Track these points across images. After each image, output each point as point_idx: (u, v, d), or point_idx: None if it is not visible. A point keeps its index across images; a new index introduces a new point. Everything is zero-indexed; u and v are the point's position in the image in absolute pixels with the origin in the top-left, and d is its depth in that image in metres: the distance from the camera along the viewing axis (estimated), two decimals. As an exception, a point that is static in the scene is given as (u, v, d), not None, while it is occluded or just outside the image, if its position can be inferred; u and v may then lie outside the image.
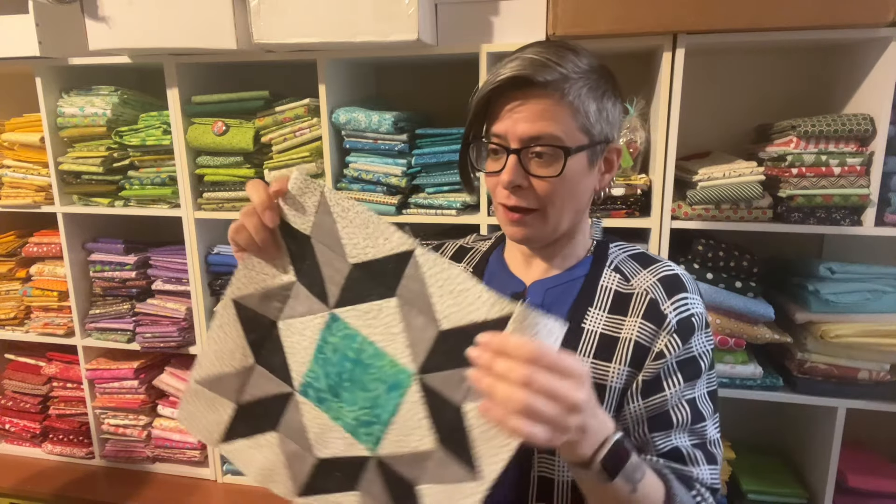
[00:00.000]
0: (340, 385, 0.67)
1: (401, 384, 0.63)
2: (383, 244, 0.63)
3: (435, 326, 0.61)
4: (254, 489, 1.80)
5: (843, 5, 1.20)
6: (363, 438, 0.66)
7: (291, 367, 0.69)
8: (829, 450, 1.42)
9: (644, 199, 1.42)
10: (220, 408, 0.72)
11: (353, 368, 0.66)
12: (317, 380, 0.68)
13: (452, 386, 0.61)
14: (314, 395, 0.68)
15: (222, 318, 0.70)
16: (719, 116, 1.60)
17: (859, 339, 1.34)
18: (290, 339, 0.68)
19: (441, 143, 1.49)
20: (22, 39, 1.57)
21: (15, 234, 1.94)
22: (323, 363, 0.67)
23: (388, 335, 0.64)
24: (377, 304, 0.64)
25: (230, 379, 0.71)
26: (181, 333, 1.75)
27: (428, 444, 0.62)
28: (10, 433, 2.00)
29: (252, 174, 1.62)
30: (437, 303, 0.61)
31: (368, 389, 0.65)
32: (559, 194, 0.76)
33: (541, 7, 1.38)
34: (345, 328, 0.66)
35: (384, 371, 0.64)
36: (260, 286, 0.68)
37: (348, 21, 1.36)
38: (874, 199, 1.30)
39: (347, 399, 0.66)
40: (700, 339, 0.79)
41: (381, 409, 0.65)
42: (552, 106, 0.73)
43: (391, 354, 0.64)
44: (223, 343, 0.71)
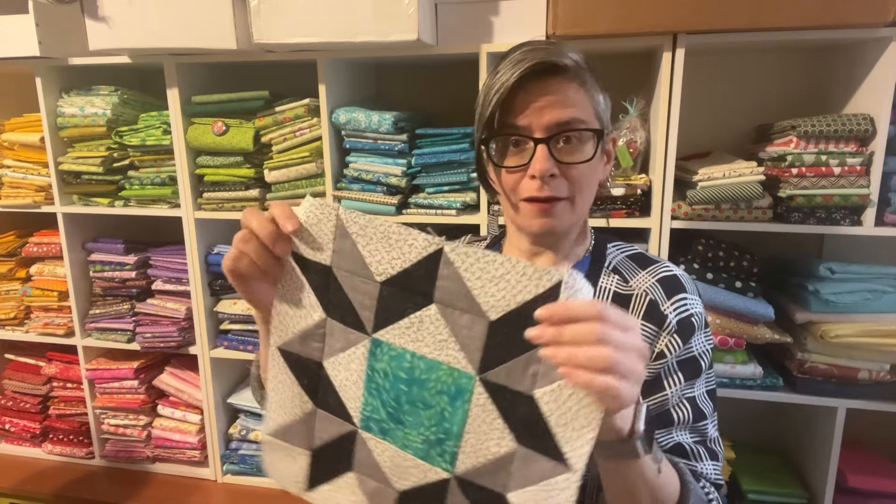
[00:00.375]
0: (400, 410, 0.63)
1: (463, 390, 0.59)
2: (409, 251, 0.59)
3: (483, 320, 0.57)
4: (254, 489, 1.80)
5: (843, 5, 1.20)
6: (436, 461, 0.62)
7: (347, 405, 0.66)
8: (829, 450, 1.42)
9: (644, 199, 1.42)
10: (297, 457, 0.71)
11: (410, 388, 0.62)
12: (375, 412, 0.64)
13: (517, 376, 0.56)
14: (376, 427, 0.65)
15: (275, 368, 0.68)
16: (719, 116, 1.60)
17: (859, 339, 1.34)
18: (339, 377, 0.66)
19: (441, 143, 1.49)
20: (22, 39, 1.57)
21: (15, 234, 1.94)
22: (377, 393, 0.64)
23: (437, 343, 0.60)
24: (416, 316, 0.60)
25: (297, 427, 0.69)
26: (181, 333, 1.75)
27: (507, 446, 0.58)
28: (10, 433, 2.00)
29: (252, 174, 1.62)
30: (479, 295, 0.57)
31: (431, 405, 0.61)
32: (587, 180, 0.76)
33: (541, 7, 1.38)
34: (389, 350, 0.62)
35: (442, 381, 0.60)
36: (296, 330, 0.66)
37: (348, 21, 1.36)
38: (874, 199, 1.30)
39: (411, 423, 0.63)
40: (700, 338, 0.79)
41: (449, 422, 0.61)
42: (574, 92, 0.73)
43: (445, 362, 0.60)
44: (281, 392, 0.68)
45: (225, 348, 1.76)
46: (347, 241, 0.61)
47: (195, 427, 1.83)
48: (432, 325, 0.60)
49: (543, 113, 0.72)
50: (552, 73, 0.72)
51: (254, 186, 1.63)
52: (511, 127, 0.74)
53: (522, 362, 0.56)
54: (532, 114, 0.73)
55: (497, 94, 0.73)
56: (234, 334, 1.75)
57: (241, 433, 1.82)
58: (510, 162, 0.76)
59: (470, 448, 0.60)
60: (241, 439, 1.82)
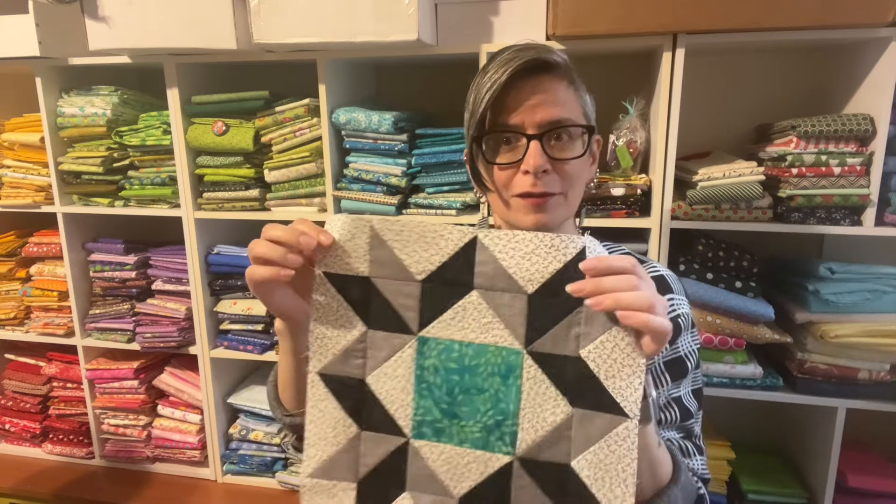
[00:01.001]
0: (454, 403, 0.64)
1: (514, 367, 0.62)
2: (445, 245, 0.62)
3: (522, 295, 0.61)
4: (254, 489, 1.80)
5: (843, 5, 1.20)
6: (497, 446, 0.63)
7: (396, 417, 0.65)
8: (829, 450, 1.42)
9: (644, 199, 1.42)
10: (342, 494, 0.67)
11: (462, 377, 0.64)
12: (428, 413, 0.65)
13: (562, 341, 0.60)
14: (430, 430, 0.65)
15: (314, 397, 0.66)
16: (719, 116, 1.60)
17: (859, 339, 1.34)
18: (384, 389, 0.65)
19: (441, 143, 1.49)
20: (22, 39, 1.57)
21: (15, 234, 1.94)
22: (428, 392, 0.65)
23: (483, 326, 0.63)
24: (460, 305, 0.63)
25: (341, 457, 0.67)
26: (181, 333, 1.75)
27: (563, 411, 0.61)
28: (10, 433, 2.00)
29: (252, 174, 1.62)
30: (515, 273, 0.61)
31: (484, 389, 0.63)
32: (579, 175, 0.78)
33: (541, 7, 1.38)
34: (437, 344, 0.64)
35: (492, 363, 0.63)
36: (336, 349, 0.65)
37: (348, 21, 1.36)
38: (874, 199, 1.30)
39: (467, 413, 0.64)
40: (686, 339, 0.80)
41: (504, 401, 0.63)
42: (564, 90, 0.75)
43: (492, 343, 0.63)
44: (322, 422, 0.67)
45: (225, 348, 1.76)
46: (384, 249, 0.63)
47: (195, 427, 1.83)
48: (475, 310, 0.63)
49: (535, 110, 0.74)
50: (543, 70, 0.74)
51: (254, 186, 1.63)
52: (504, 124, 0.75)
53: (564, 326, 0.60)
54: (524, 111, 0.74)
55: (489, 93, 0.74)
56: (234, 334, 1.75)
57: (241, 433, 1.82)
58: (503, 159, 0.77)
59: (528, 423, 0.62)
60: (241, 439, 1.82)
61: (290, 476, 1.77)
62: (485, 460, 0.63)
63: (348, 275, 0.64)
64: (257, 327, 1.71)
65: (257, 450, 1.81)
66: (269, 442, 1.79)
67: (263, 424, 1.80)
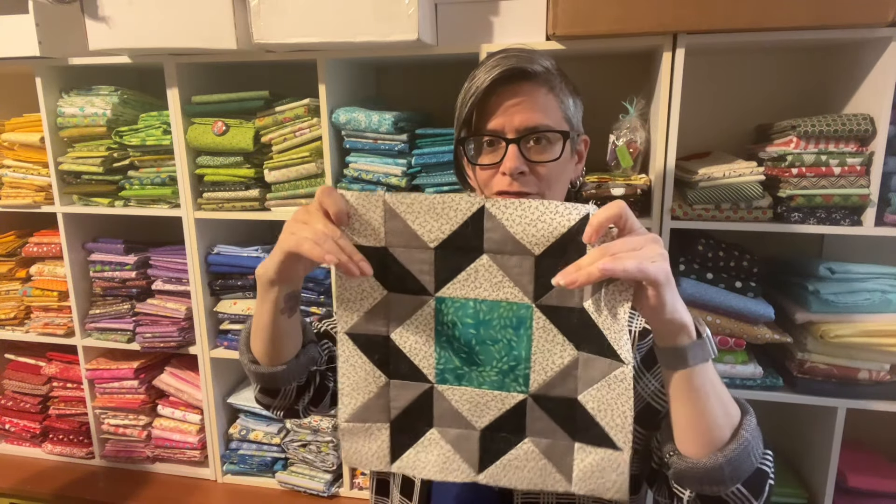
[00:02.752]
0: (473, 352, 0.71)
1: (524, 319, 0.69)
2: (454, 215, 0.67)
3: (530, 257, 0.67)
4: (254, 489, 1.80)
5: (843, 5, 1.20)
6: (512, 386, 0.71)
7: (421, 366, 0.73)
8: (829, 450, 1.42)
9: (644, 199, 1.42)
10: (377, 433, 0.75)
11: (478, 330, 0.71)
12: (449, 362, 0.72)
13: (566, 295, 0.67)
14: (452, 376, 0.72)
15: (344, 354, 0.73)
16: (719, 116, 1.60)
17: (859, 339, 1.33)
18: (408, 343, 0.73)
19: (441, 143, 1.49)
20: (22, 39, 1.57)
21: (15, 234, 1.94)
22: (448, 344, 0.72)
23: (494, 285, 0.69)
24: (472, 268, 0.69)
25: (373, 403, 0.74)
26: (181, 333, 1.75)
27: (570, 355, 0.68)
28: (10, 433, 2.00)
29: (252, 174, 1.62)
30: (522, 237, 0.66)
31: (498, 340, 0.70)
32: (555, 177, 0.82)
33: (541, 7, 1.38)
34: (453, 303, 0.71)
35: (505, 317, 0.70)
36: (361, 311, 0.72)
37: (348, 21, 1.36)
38: (874, 199, 1.30)
39: (484, 360, 0.71)
40: None
41: (517, 349, 0.70)
42: (543, 97, 0.80)
43: (504, 300, 0.69)
44: (354, 376, 0.74)
45: (225, 348, 1.76)
46: (397, 220, 0.69)
47: (195, 427, 1.83)
48: (487, 271, 0.69)
49: (514, 115, 0.79)
50: (523, 78, 0.79)
51: (254, 186, 1.63)
52: (485, 128, 0.81)
53: None
54: (504, 116, 0.79)
55: (472, 98, 0.80)
56: (234, 334, 1.75)
57: (241, 433, 1.82)
58: (484, 160, 0.82)
59: (539, 366, 0.70)
60: (241, 439, 1.82)
61: (290, 476, 1.77)
62: (502, 398, 0.71)
63: (367, 245, 0.69)
64: (257, 327, 1.71)
65: (257, 450, 1.81)
66: (269, 442, 1.79)
67: (263, 424, 1.81)
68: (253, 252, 1.70)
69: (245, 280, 1.71)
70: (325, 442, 1.73)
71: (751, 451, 0.66)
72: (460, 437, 0.73)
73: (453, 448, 0.73)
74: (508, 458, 0.72)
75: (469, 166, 0.86)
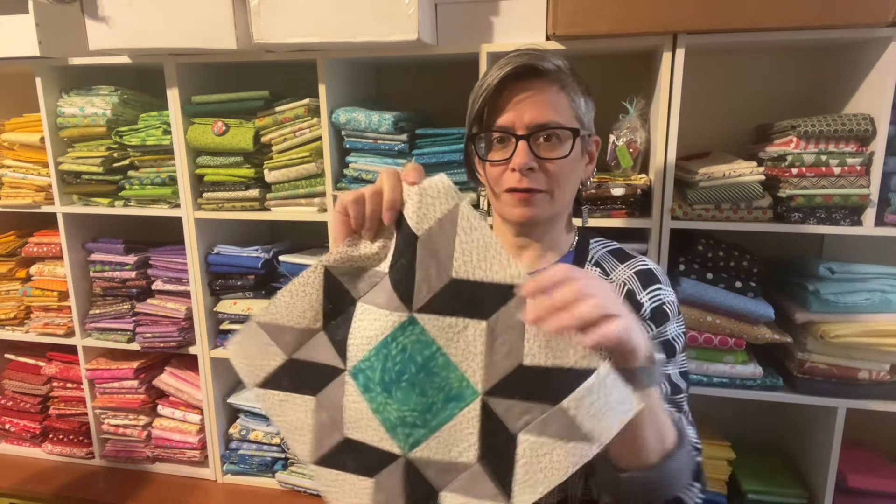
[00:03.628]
0: (396, 383, 0.67)
1: (463, 398, 0.65)
2: (496, 272, 0.63)
3: (517, 360, 0.62)
4: (254, 489, 1.80)
5: (843, 5, 1.20)
6: (399, 438, 0.68)
7: (349, 348, 0.70)
8: (829, 450, 1.42)
9: (644, 199, 1.42)
10: (271, 355, 0.73)
11: (417, 373, 0.67)
12: (371, 370, 0.69)
13: (513, 415, 0.63)
14: (363, 381, 0.69)
15: (307, 279, 0.70)
16: (719, 116, 1.60)
17: (859, 339, 1.33)
18: (361, 322, 0.69)
19: (441, 143, 1.49)
20: (22, 39, 1.57)
21: (15, 234, 1.94)
22: (384, 358, 0.68)
23: (467, 352, 0.65)
24: (464, 322, 0.65)
25: (291, 333, 0.72)
26: (181, 333, 1.75)
27: (468, 458, 0.65)
28: (10, 433, 2.00)
29: (252, 174, 1.62)
30: (529, 341, 0.62)
31: (426, 395, 0.66)
32: (565, 175, 0.82)
33: (541, 7, 1.38)
34: (420, 333, 0.66)
35: (449, 383, 0.66)
36: (356, 265, 0.69)
37: (348, 21, 1.36)
38: (874, 199, 1.30)
39: (399, 398, 0.67)
40: (673, 325, 0.84)
41: (433, 416, 0.66)
42: (554, 95, 0.81)
43: (463, 371, 0.65)
44: (299, 301, 0.71)
45: (225, 348, 1.76)
46: (451, 229, 0.64)
47: (195, 427, 1.83)
48: (473, 337, 0.64)
49: (525, 112, 0.80)
50: (534, 75, 0.80)
51: (254, 186, 1.63)
52: (496, 124, 0.82)
53: (524, 407, 0.62)
54: (515, 113, 0.80)
55: (484, 94, 0.81)
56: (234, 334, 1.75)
57: (241, 433, 1.82)
58: (494, 156, 0.83)
59: (435, 443, 0.66)
60: (241, 439, 1.82)
61: (290, 476, 1.77)
62: (381, 437, 0.69)
63: (407, 224, 0.66)
64: (257, 327, 1.71)
65: (257, 450, 1.81)
66: (269, 442, 1.79)
67: (263, 424, 1.80)
68: (253, 252, 1.70)
69: (245, 280, 1.71)
70: (325, 442, 1.73)
71: (672, 478, 0.66)
72: (326, 426, 0.72)
73: (315, 427, 0.72)
74: (345, 477, 0.71)
75: (479, 162, 0.86)
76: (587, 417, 0.60)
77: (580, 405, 0.60)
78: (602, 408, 0.59)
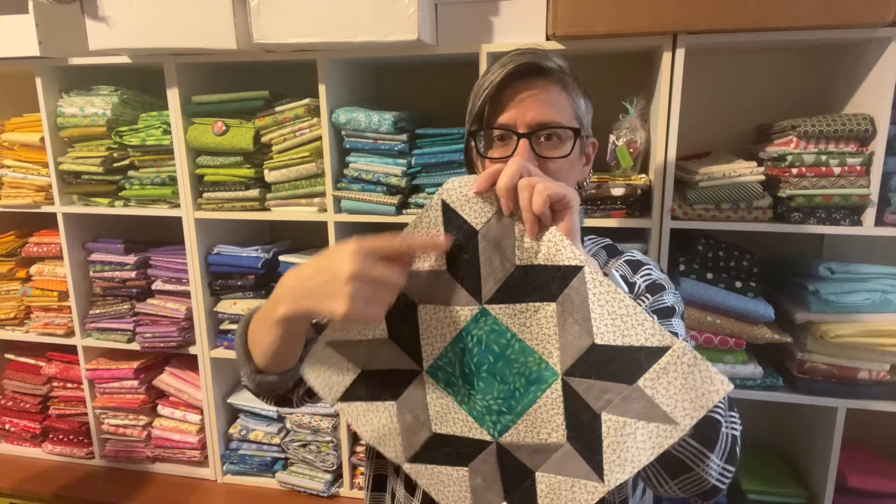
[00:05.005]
0: (477, 374, 0.69)
1: (544, 380, 0.67)
2: (555, 255, 0.65)
3: (589, 338, 0.64)
4: (254, 489, 1.80)
5: (843, 5, 1.20)
6: (487, 425, 0.69)
7: (423, 348, 0.71)
8: (829, 450, 1.42)
9: (644, 199, 1.42)
10: (345, 370, 0.73)
11: (496, 361, 0.68)
12: (450, 365, 0.70)
13: (594, 395, 0.64)
14: (443, 378, 0.71)
15: None
16: (719, 116, 1.60)
17: (859, 339, 1.33)
18: (428, 323, 0.70)
19: (441, 143, 1.49)
20: (22, 39, 1.57)
21: (15, 234, 1.94)
22: (461, 352, 0.69)
23: (541, 335, 0.67)
24: (534, 305, 0.66)
25: (361, 347, 0.72)
26: (181, 333, 1.75)
27: (557, 438, 0.66)
28: (10, 433, 2.00)
29: (252, 174, 1.62)
30: (596, 319, 0.63)
31: (507, 382, 0.68)
32: (564, 175, 0.82)
33: (541, 7, 1.38)
34: (493, 323, 0.68)
35: (528, 367, 0.67)
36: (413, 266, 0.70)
37: (348, 21, 1.36)
38: (874, 199, 1.30)
39: (481, 388, 0.69)
40: (668, 295, 0.85)
41: (517, 401, 0.68)
42: (555, 95, 0.81)
43: (540, 353, 0.67)
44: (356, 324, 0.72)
45: (225, 348, 1.76)
46: (508, 219, 0.66)
47: (195, 427, 1.83)
48: (545, 318, 0.66)
49: (527, 111, 0.80)
50: (537, 74, 0.80)
51: (254, 186, 1.63)
52: (497, 122, 0.82)
53: (602, 387, 0.63)
54: (517, 111, 0.80)
55: (486, 91, 0.81)
56: (234, 334, 1.75)
57: (241, 433, 1.82)
58: (495, 153, 0.83)
59: (523, 427, 0.68)
60: (241, 439, 1.82)
61: (290, 476, 1.77)
62: (471, 426, 0.70)
63: (463, 219, 0.67)
64: (257, 327, 1.71)
65: (257, 450, 1.81)
66: (269, 442, 1.79)
67: (263, 424, 1.81)
68: (253, 252, 1.70)
69: (245, 280, 1.71)
70: (325, 442, 1.73)
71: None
72: (412, 426, 0.72)
73: (401, 430, 0.72)
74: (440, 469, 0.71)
75: (479, 160, 0.86)
76: (666, 397, 0.59)
77: (656, 385, 0.60)
78: (681, 388, 0.59)
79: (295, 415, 1.74)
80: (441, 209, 0.67)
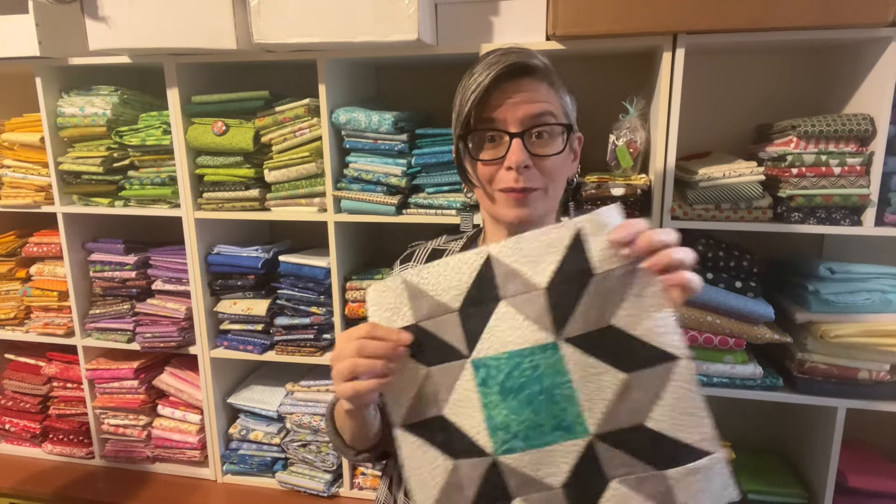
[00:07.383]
0: (515, 393, 0.67)
1: (572, 431, 0.66)
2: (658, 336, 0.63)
3: (641, 418, 0.64)
4: (254, 489, 1.80)
5: (843, 5, 1.20)
6: (496, 438, 0.68)
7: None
8: (829, 450, 1.42)
9: (644, 199, 1.42)
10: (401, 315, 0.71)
11: (539, 394, 0.67)
12: (497, 369, 0.68)
13: (614, 463, 0.64)
14: (483, 375, 0.68)
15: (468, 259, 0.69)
16: (719, 116, 1.60)
17: (859, 339, 1.33)
18: (501, 322, 0.68)
19: (441, 143, 1.49)
20: (22, 39, 1.57)
21: (15, 234, 1.94)
22: (514, 366, 0.68)
23: (595, 395, 0.65)
24: (605, 367, 0.65)
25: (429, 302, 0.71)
26: (181, 333, 1.75)
27: (553, 482, 0.66)
28: (10, 433, 2.00)
29: (252, 174, 1.62)
30: (660, 406, 0.63)
31: (538, 415, 0.67)
32: (559, 171, 0.83)
33: (541, 7, 1.38)
34: (558, 361, 0.66)
35: (566, 415, 0.66)
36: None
37: (348, 21, 1.36)
38: (874, 199, 1.30)
39: (512, 407, 0.67)
40: None
41: (536, 438, 0.67)
42: (544, 91, 0.81)
43: (582, 409, 0.66)
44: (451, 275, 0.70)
45: (225, 348, 1.76)
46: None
47: (195, 427, 1.83)
48: (609, 383, 0.65)
49: (517, 108, 0.79)
50: (524, 73, 0.80)
51: (254, 186, 1.63)
52: (487, 122, 0.81)
53: (626, 460, 0.64)
54: (507, 110, 0.80)
55: (474, 93, 0.80)
56: (234, 334, 1.75)
57: (240, 433, 1.82)
58: (486, 155, 0.82)
59: (528, 459, 0.67)
60: (241, 439, 1.82)
61: (290, 476, 1.77)
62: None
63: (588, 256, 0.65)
64: (257, 327, 1.71)
65: (257, 450, 1.81)
66: (268, 442, 1.79)
67: (263, 424, 1.81)
68: (253, 252, 1.70)
69: (245, 280, 1.71)
70: (325, 442, 1.73)
71: None
72: (428, 398, 0.70)
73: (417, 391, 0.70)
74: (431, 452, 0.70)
75: (471, 163, 0.85)
76: (684, 493, 0.62)
77: (684, 480, 0.62)
78: (702, 489, 0.62)
79: (295, 415, 1.74)
80: (572, 237, 0.65)
